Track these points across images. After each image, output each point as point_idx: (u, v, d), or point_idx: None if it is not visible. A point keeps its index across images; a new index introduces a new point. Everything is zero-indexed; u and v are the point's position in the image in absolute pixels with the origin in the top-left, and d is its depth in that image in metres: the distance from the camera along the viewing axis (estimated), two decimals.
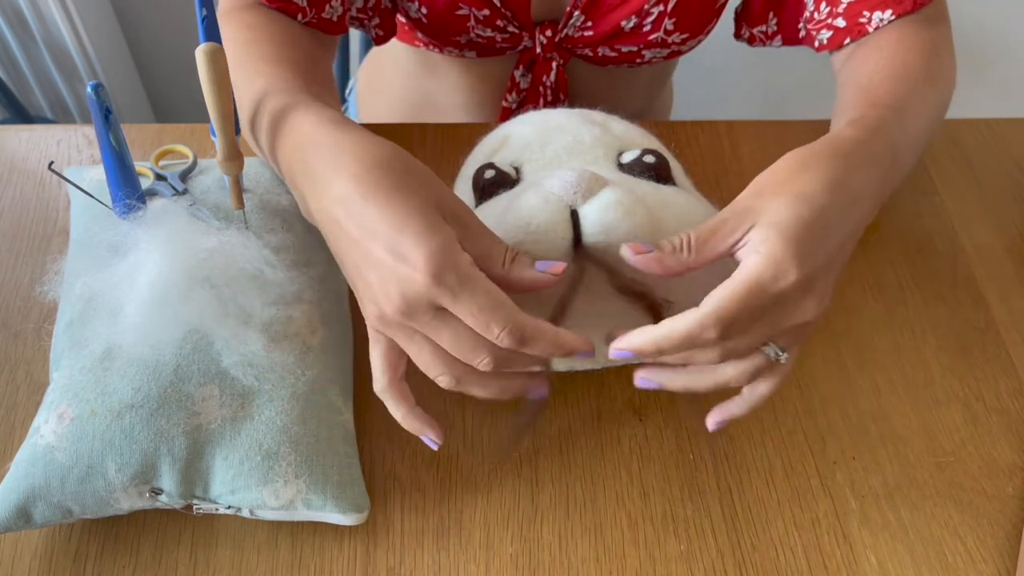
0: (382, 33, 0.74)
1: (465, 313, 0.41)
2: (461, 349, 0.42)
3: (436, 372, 0.44)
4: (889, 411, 0.56)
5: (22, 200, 0.65)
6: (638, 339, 0.43)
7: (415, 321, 0.42)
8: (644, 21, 0.70)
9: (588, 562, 0.49)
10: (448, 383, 0.44)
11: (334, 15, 0.64)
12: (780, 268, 0.42)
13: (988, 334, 0.60)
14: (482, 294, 0.41)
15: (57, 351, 0.51)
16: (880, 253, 0.65)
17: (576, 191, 0.46)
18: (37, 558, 0.48)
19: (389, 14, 0.73)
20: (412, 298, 0.41)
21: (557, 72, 0.77)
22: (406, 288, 0.41)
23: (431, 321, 0.42)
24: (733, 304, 0.41)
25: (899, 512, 0.52)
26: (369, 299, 0.43)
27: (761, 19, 0.73)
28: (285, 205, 0.57)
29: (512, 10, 0.71)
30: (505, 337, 0.41)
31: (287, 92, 0.51)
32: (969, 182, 0.70)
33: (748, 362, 0.45)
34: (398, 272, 0.41)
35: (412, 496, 0.51)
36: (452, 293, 0.40)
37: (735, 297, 0.42)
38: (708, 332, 0.41)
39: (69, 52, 1.34)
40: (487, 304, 0.41)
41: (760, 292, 0.42)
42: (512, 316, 0.41)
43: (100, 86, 0.45)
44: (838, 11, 0.65)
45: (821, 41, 0.68)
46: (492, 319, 0.41)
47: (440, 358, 0.44)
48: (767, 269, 0.42)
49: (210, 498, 0.48)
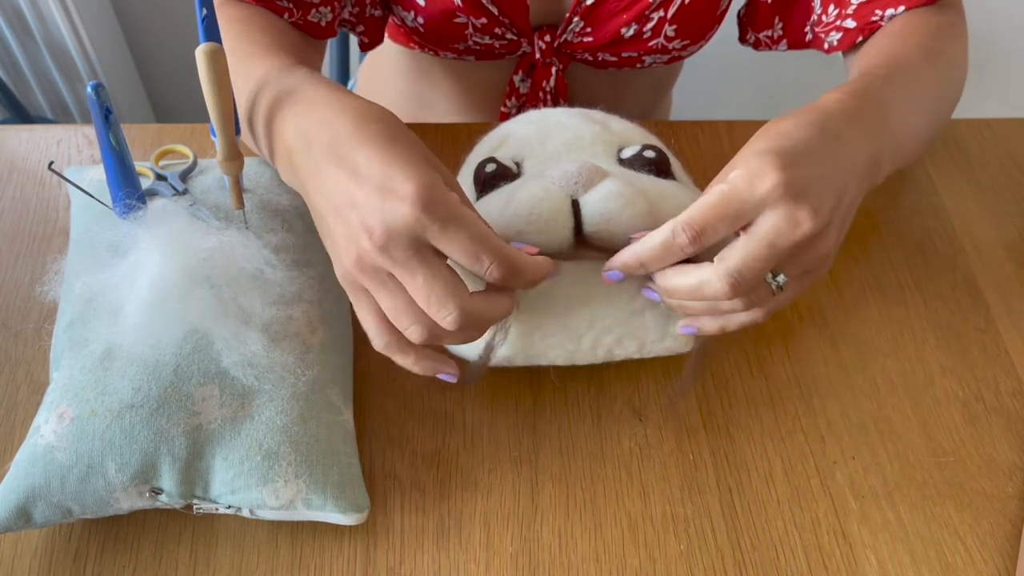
0: (367, 41, 0.74)
1: (454, 243, 0.41)
2: (431, 295, 0.42)
3: (407, 322, 0.44)
4: (889, 411, 0.56)
5: (22, 200, 0.65)
6: (620, 258, 0.46)
7: (392, 258, 0.41)
8: (644, 28, 0.70)
9: (588, 562, 0.49)
10: (418, 335, 0.44)
11: (322, 20, 0.64)
12: (755, 174, 0.43)
13: (988, 334, 0.60)
14: (473, 225, 0.41)
15: (57, 351, 0.51)
16: (880, 253, 0.65)
17: (577, 181, 0.46)
18: (37, 558, 0.48)
19: (377, 22, 0.73)
20: (395, 229, 0.40)
21: (556, 78, 0.77)
22: (391, 219, 0.40)
23: (409, 259, 0.41)
24: (704, 210, 0.43)
25: (899, 512, 0.52)
26: (347, 241, 0.43)
27: (767, 24, 0.72)
28: (285, 205, 0.57)
29: (510, 17, 0.70)
30: (495, 268, 0.42)
31: (285, 71, 0.51)
32: (969, 182, 0.70)
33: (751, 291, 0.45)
34: (384, 207, 0.41)
35: (412, 496, 0.51)
36: (442, 223, 0.40)
37: (707, 203, 0.43)
38: (680, 237, 0.43)
39: (69, 52, 1.34)
40: (477, 234, 0.41)
41: (734, 197, 0.43)
42: (501, 247, 0.42)
43: (100, 86, 0.45)
44: (847, 13, 0.65)
45: (831, 43, 0.68)
46: (482, 249, 0.41)
47: (411, 308, 0.43)
48: (740, 178, 0.43)
49: (210, 498, 0.48)
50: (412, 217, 0.40)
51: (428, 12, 0.69)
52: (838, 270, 0.64)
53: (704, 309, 0.47)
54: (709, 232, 0.43)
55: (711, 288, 0.44)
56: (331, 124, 0.44)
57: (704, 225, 0.43)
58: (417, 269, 0.42)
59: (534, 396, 0.56)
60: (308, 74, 0.50)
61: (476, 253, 0.41)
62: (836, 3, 0.66)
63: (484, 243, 0.42)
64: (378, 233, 0.41)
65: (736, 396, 0.56)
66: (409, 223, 0.40)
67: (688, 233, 0.43)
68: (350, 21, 0.71)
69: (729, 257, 0.44)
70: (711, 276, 0.44)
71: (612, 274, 0.47)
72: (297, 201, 0.58)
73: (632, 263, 0.45)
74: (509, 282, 0.43)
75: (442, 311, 0.42)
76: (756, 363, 0.58)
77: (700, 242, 0.43)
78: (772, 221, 0.43)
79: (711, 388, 0.57)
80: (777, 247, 0.43)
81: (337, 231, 0.44)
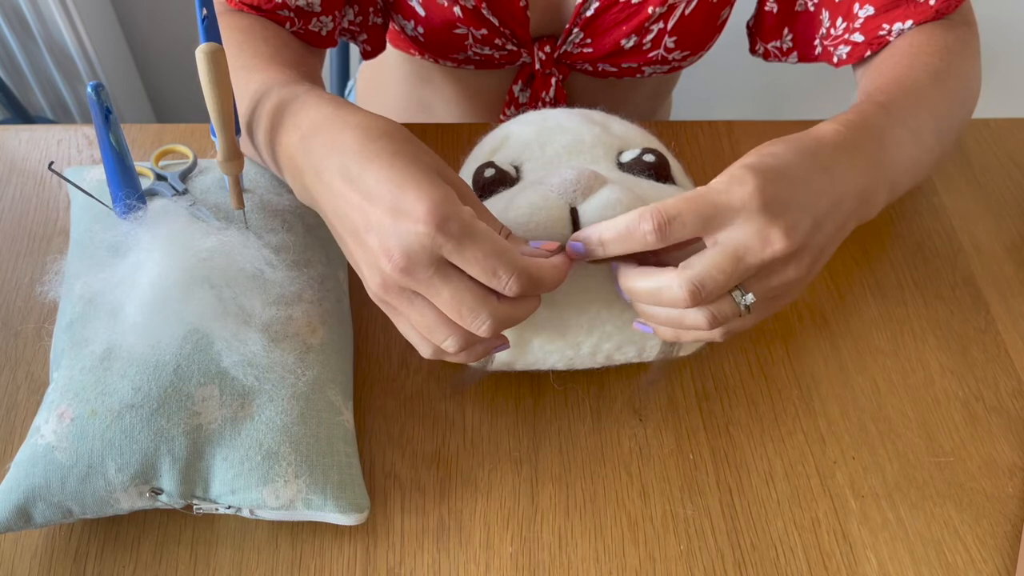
0: (370, 49, 0.74)
1: (471, 260, 0.41)
2: (462, 308, 0.42)
3: (442, 337, 0.43)
4: (889, 411, 0.56)
5: (22, 200, 0.65)
6: (584, 231, 0.45)
7: (415, 279, 0.41)
8: (644, 39, 0.70)
9: (588, 562, 0.49)
10: (455, 345, 0.44)
11: (323, 29, 0.64)
12: (735, 180, 0.42)
13: (988, 334, 0.60)
14: (487, 240, 0.41)
15: (57, 351, 0.51)
16: (880, 253, 0.65)
17: (575, 189, 0.46)
18: (37, 558, 0.48)
19: (379, 30, 0.73)
20: (414, 251, 0.40)
21: (556, 88, 0.77)
22: (408, 241, 0.40)
23: (431, 278, 0.41)
24: (677, 201, 0.42)
25: (899, 512, 0.52)
26: (369, 266, 0.43)
27: (775, 35, 0.71)
28: (285, 205, 0.57)
29: (511, 28, 0.70)
30: (513, 283, 0.41)
31: (286, 85, 0.51)
32: (969, 182, 0.70)
33: (715, 306, 0.44)
34: (399, 229, 0.41)
35: (412, 496, 0.51)
36: (456, 241, 0.40)
37: (682, 196, 0.43)
38: (645, 222, 0.42)
39: (69, 52, 1.34)
40: (492, 250, 0.41)
41: (709, 197, 0.42)
42: (517, 260, 0.41)
43: (100, 86, 0.45)
44: (855, 26, 0.64)
45: (840, 57, 0.67)
46: (499, 264, 0.41)
47: (443, 322, 0.43)
48: (720, 182, 0.43)
49: (210, 498, 0.48)
50: (428, 238, 0.40)
51: (428, 22, 0.69)
52: (838, 270, 0.64)
53: (666, 318, 0.45)
54: (676, 225, 0.42)
55: (670, 293, 0.43)
56: (337, 144, 0.44)
57: (672, 215, 0.42)
58: (442, 287, 0.41)
59: (534, 397, 0.56)
60: (310, 90, 0.50)
61: (493, 269, 0.41)
62: (844, 16, 0.65)
63: (501, 258, 0.41)
64: (397, 256, 0.41)
65: (736, 396, 0.56)
66: (425, 244, 0.40)
67: (655, 219, 0.42)
68: (351, 30, 0.71)
69: (693, 264, 0.43)
70: (671, 281, 0.43)
71: (574, 245, 0.45)
72: (297, 201, 0.58)
73: (592, 239, 0.44)
74: (529, 292, 0.43)
75: (476, 321, 0.42)
76: (756, 363, 0.58)
77: (664, 232, 0.42)
78: (743, 234, 0.42)
79: (711, 388, 0.57)
80: (744, 262, 0.42)
81: (358, 255, 0.44)
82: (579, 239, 0.45)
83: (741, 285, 0.44)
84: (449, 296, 0.42)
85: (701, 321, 0.44)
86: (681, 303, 0.43)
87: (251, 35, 0.58)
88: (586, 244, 0.45)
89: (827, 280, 0.63)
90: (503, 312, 0.42)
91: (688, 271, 0.42)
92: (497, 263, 0.41)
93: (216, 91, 0.47)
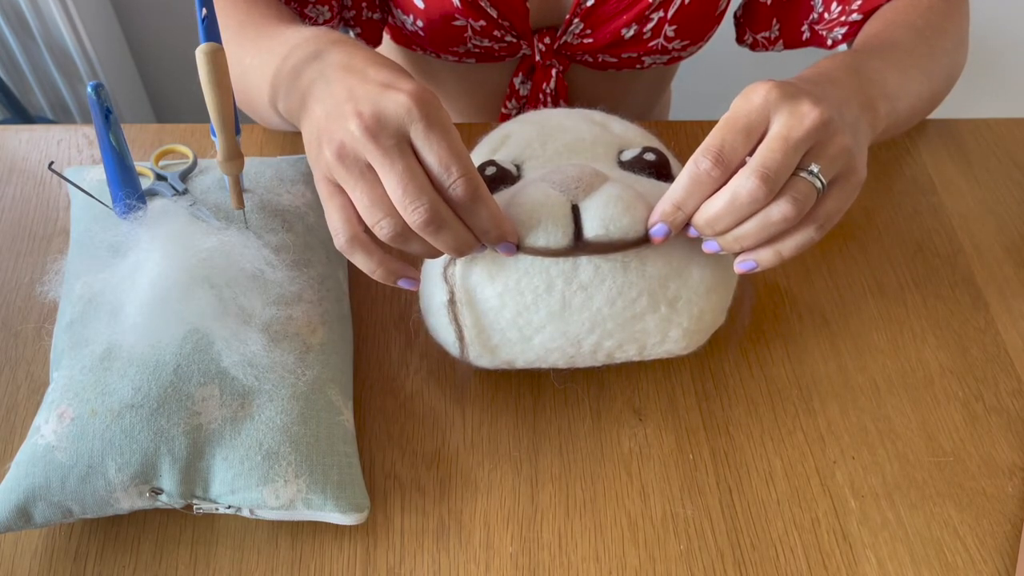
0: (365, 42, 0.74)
1: (432, 146, 0.42)
2: (408, 186, 0.42)
3: (379, 215, 0.44)
4: (889, 411, 0.56)
5: (22, 200, 0.65)
6: (657, 209, 0.46)
7: (376, 143, 0.42)
8: (644, 28, 0.70)
9: (588, 562, 0.49)
10: (388, 228, 0.44)
11: (319, 17, 0.65)
12: (748, 91, 0.45)
13: (987, 334, 0.60)
14: (455, 140, 0.43)
15: (57, 351, 0.51)
16: (880, 253, 0.65)
17: (577, 186, 0.46)
18: (37, 558, 0.48)
19: (374, 25, 0.73)
20: (386, 116, 0.42)
21: (557, 79, 0.77)
22: (384, 105, 0.42)
23: (391, 149, 0.42)
24: (713, 132, 0.44)
25: (899, 512, 0.52)
26: (330, 135, 0.44)
27: (765, 25, 0.73)
28: (285, 205, 0.58)
29: (510, 19, 0.70)
30: (460, 184, 0.43)
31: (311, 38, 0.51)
32: (969, 182, 0.70)
33: (791, 190, 0.44)
34: (383, 95, 0.43)
35: (412, 496, 0.51)
36: (427, 123, 0.42)
37: (718, 127, 0.44)
38: (702, 163, 0.44)
39: (69, 52, 1.34)
40: (454, 148, 0.43)
41: (736, 112, 0.44)
42: (472, 167, 0.43)
43: (100, 86, 0.45)
44: (852, 8, 0.66)
45: (835, 38, 0.68)
46: (454, 161, 0.43)
47: (384, 202, 0.44)
48: (737, 99, 0.45)
49: (210, 498, 0.48)
50: (404, 108, 0.42)
51: (427, 15, 0.69)
52: (838, 270, 0.64)
53: (756, 228, 0.45)
54: (727, 150, 0.44)
55: (745, 190, 0.43)
56: (350, 52, 0.47)
57: (720, 144, 0.44)
58: (398, 159, 0.42)
59: (534, 396, 0.56)
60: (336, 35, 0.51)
61: (448, 163, 0.42)
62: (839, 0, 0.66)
63: (458, 157, 0.43)
64: (367, 115, 0.42)
65: (736, 396, 0.57)
66: (400, 113, 0.42)
67: (709, 156, 0.44)
68: (346, 20, 0.72)
69: (751, 159, 0.44)
70: (740, 180, 0.44)
71: (656, 230, 0.46)
72: (297, 201, 0.58)
73: (668, 208, 0.46)
74: (467, 209, 0.44)
75: (414, 202, 0.42)
76: (756, 363, 0.58)
77: (723, 163, 0.44)
78: (778, 121, 0.44)
79: (711, 388, 0.57)
80: (792, 139, 0.44)
81: (322, 127, 0.45)
82: (657, 219, 0.46)
83: (804, 163, 0.45)
84: (401, 170, 0.42)
85: (787, 208, 0.44)
86: (756, 190, 0.43)
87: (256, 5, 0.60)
88: (663, 218, 0.46)
89: (827, 280, 0.63)
90: (443, 209, 0.43)
91: (749, 164, 0.44)
92: (453, 159, 0.43)
93: (216, 91, 0.47)
